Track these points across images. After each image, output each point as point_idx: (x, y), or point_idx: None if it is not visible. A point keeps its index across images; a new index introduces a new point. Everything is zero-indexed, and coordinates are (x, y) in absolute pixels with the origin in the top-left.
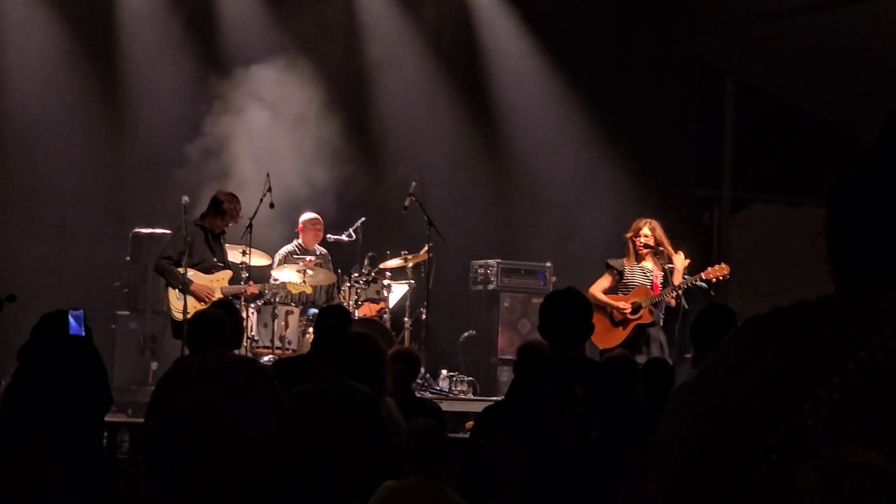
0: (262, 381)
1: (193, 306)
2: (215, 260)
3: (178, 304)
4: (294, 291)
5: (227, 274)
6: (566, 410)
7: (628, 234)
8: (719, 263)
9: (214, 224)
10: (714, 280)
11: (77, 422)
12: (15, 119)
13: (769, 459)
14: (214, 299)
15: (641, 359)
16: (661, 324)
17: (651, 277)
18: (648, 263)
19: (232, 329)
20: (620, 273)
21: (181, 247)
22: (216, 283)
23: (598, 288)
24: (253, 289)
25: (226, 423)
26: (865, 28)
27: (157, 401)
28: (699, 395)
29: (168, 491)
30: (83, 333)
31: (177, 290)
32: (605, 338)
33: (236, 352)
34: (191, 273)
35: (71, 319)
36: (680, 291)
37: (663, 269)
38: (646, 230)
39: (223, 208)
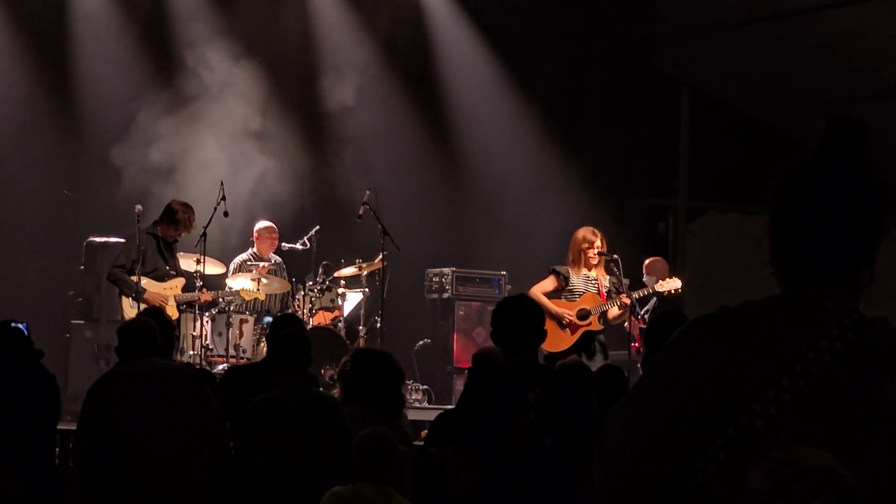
0: (193, 389)
1: None
2: (168, 268)
3: (132, 313)
4: (247, 298)
5: (181, 282)
6: (519, 417)
7: (584, 246)
8: (671, 275)
9: (167, 232)
10: (665, 293)
11: (29, 432)
12: None
13: (717, 460)
14: (169, 307)
15: (592, 366)
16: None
17: (596, 286)
18: (593, 272)
19: (162, 337)
20: (566, 279)
21: (134, 255)
22: (169, 291)
23: (540, 289)
24: (207, 296)
25: (156, 431)
26: (820, 38)
27: (87, 410)
28: (644, 396)
29: (100, 500)
30: None
31: (130, 299)
32: (552, 341)
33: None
34: (144, 281)
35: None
36: (632, 301)
37: (618, 278)
38: (598, 241)
39: (177, 217)
